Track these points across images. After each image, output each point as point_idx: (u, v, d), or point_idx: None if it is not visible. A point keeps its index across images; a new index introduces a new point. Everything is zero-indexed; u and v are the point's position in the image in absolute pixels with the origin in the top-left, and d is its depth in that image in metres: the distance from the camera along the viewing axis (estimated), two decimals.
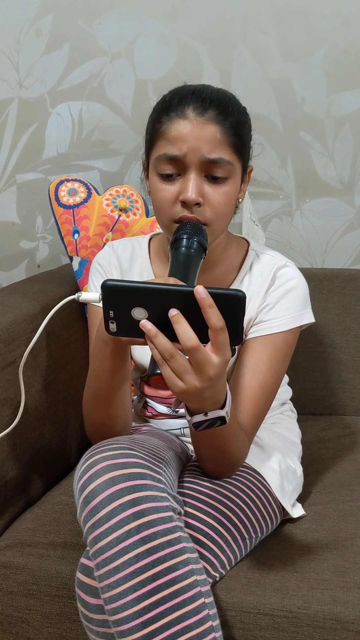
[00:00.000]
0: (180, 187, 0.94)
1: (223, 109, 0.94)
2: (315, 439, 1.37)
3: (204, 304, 0.71)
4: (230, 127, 0.94)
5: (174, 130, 0.93)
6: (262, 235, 1.52)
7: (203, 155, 0.92)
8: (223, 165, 0.93)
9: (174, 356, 0.74)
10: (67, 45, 1.60)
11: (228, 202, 0.96)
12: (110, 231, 1.42)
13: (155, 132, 0.96)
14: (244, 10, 1.51)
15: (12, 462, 1.13)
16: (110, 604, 0.78)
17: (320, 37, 1.50)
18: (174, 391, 0.76)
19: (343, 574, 0.93)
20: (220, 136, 0.92)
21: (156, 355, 0.75)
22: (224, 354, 0.74)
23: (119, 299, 0.74)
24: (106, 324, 0.76)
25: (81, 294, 0.81)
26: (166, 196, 0.94)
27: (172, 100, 0.96)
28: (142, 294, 0.73)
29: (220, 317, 0.72)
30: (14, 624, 1.00)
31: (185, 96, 0.95)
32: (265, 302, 1.05)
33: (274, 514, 1.03)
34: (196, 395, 0.77)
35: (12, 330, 1.13)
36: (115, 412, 0.98)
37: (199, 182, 0.93)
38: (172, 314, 0.72)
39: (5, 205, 1.76)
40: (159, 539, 0.79)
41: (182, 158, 0.92)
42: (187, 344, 0.72)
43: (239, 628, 0.90)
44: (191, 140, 0.92)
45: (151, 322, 0.73)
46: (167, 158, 0.93)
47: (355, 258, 1.63)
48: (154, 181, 0.96)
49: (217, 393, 0.79)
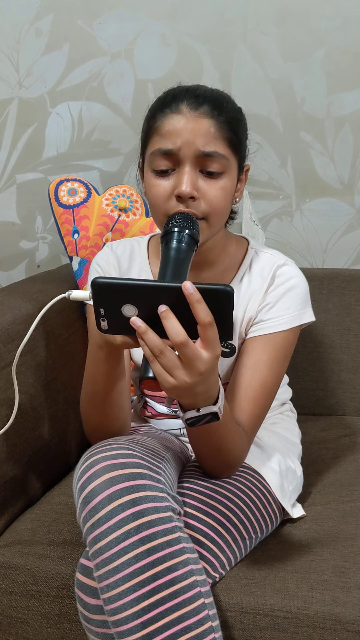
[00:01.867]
0: (175, 182, 0.93)
1: (217, 105, 0.94)
2: (315, 439, 1.37)
3: (192, 299, 0.71)
4: (224, 122, 0.93)
5: (168, 125, 0.93)
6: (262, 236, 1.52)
7: (197, 148, 0.92)
8: (218, 160, 0.93)
9: (164, 352, 0.74)
10: (67, 45, 1.60)
11: (224, 197, 0.95)
12: (110, 231, 1.42)
13: (149, 129, 0.96)
14: (244, 10, 1.51)
15: (12, 462, 1.13)
16: (110, 605, 0.78)
17: (320, 37, 1.50)
18: (165, 387, 0.76)
19: (343, 574, 0.93)
20: (214, 130, 0.92)
21: (146, 351, 0.75)
22: (213, 349, 0.75)
23: (109, 297, 0.74)
24: (97, 322, 0.77)
25: (72, 292, 0.81)
26: (160, 191, 0.94)
27: (166, 98, 0.96)
28: (132, 290, 0.73)
29: (208, 312, 0.72)
30: (13, 624, 1.00)
31: (180, 93, 0.95)
32: (266, 301, 1.05)
33: (273, 515, 1.03)
34: (187, 391, 0.77)
35: (12, 331, 1.13)
36: (113, 413, 0.98)
37: (193, 175, 0.92)
38: (161, 310, 0.73)
39: (5, 205, 1.76)
40: (159, 539, 0.79)
41: (177, 152, 0.92)
42: (176, 340, 0.73)
43: (238, 629, 0.90)
44: (185, 134, 0.92)
45: (141, 319, 0.74)
46: (161, 153, 0.93)
47: (355, 258, 1.63)
48: (149, 177, 0.96)
49: (209, 388, 0.79)
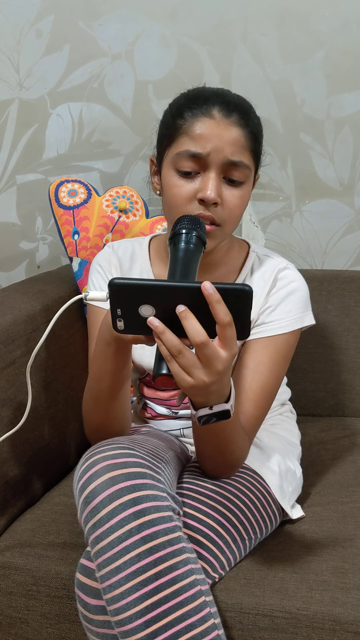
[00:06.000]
0: (199, 186, 0.94)
1: (246, 114, 0.95)
2: (314, 440, 1.37)
3: (212, 299, 0.71)
4: (250, 133, 0.95)
5: (199, 128, 0.93)
6: (262, 237, 1.53)
7: (226, 156, 0.93)
8: (242, 169, 0.94)
9: (182, 352, 0.74)
10: (67, 46, 1.61)
11: (242, 206, 0.97)
12: (110, 232, 1.42)
13: (177, 127, 0.96)
14: (244, 11, 1.51)
15: (12, 462, 1.13)
16: (113, 604, 0.79)
17: (320, 38, 1.50)
18: (182, 386, 0.76)
19: (342, 575, 0.93)
20: (243, 140, 0.94)
21: (164, 351, 0.75)
22: (231, 348, 0.75)
23: (126, 297, 0.74)
24: (114, 322, 0.77)
25: (88, 293, 0.82)
26: (182, 193, 0.95)
27: (197, 99, 0.96)
28: (149, 291, 0.73)
29: (227, 312, 0.72)
30: (13, 624, 1.00)
31: (210, 96, 0.95)
32: (267, 304, 1.05)
33: (273, 515, 1.03)
34: (203, 390, 0.77)
35: (12, 331, 1.13)
36: (116, 413, 0.98)
37: (218, 182, 0.94)
38: (179, 310, 0.73)
39: (5, 206, 1.76)
40: (160, 538, 0.79)
41: (205, 157, 0.93)
42: (196, 339, 0.73)
43: (238, 629, 0.90)
44: (216, 140, 0.92)
45: (158, 319, 0.74)
46: (189, 155, 0.93)
47: (355, 259, 1.63)
48: (170, 176, 0.96)
49: (223, 387, 0.79)
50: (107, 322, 0.87)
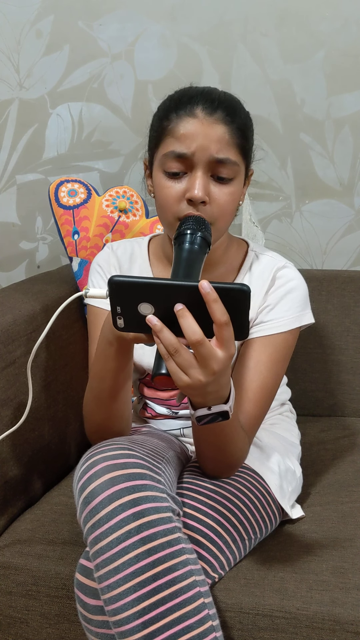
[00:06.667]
0: (187, 185, 0.94)
1: (231, 111, 0.95)
2: (314, 440, 1.37)
3: (209, 298, 0.72)
4: (237, 129, 0.95)
5: (183, 129, 0.93)
6: (261, 237, 1.53)
7: (211, 154, 0.93)
8: (229, 166, 0.94)
9: (179, 351, 0.74)
10: (67, 47, 1.61)
11: (232, 202, 0.97)
12: (110, 232, 1.42)
13: (163, 129, 0.96)
14: (244, 11, 1.51)
15: (12, 462, 1.13)
16: (111, 605, 0.79)
17: (320, 39, 1.50)
18: (179, 385, 0.77)
19: (342, 575, 0.93)
20: (228, 137, 0.93)
21: (162, 349, 0.75)
22: (228, 348, 0.75)
23: (126, 295, 0.75)
24: (114, 320, 0.77)
25: (88, 290, 0.82)
26: (171, 193, 0.95)
27: (181, 99, 0.96)
28: (149, 289, 0.74)
29: (224, 312, 0.72)
30: (12, 624, 1.00)
31: (195, 96, 0.95)
32: (266, 303, 1.05)
33: (273, 515, 1.03)
34: (200, 390, 0.77)
35: (12, 331, 1.13)
36: (117, 412, 0.98)
37: (205, 180, 0.93)
38: (177, 309, 0.73)
39: (5, 206, 1.76)
40: (159, 539, 0.79)
41: (190, 156, 0.93)
42: (192, 338, 0.73)
43: (237, 629, 0.90)
44: (200, 139, 0.92)
45: (157, 317, 0.74)
46: (174, 155, 0.94)
47: (355, 259, 1.63)
48: (159, 178, 0.97)
49: (221, 387, 0.79)
50: (109, 321, 0.88)
